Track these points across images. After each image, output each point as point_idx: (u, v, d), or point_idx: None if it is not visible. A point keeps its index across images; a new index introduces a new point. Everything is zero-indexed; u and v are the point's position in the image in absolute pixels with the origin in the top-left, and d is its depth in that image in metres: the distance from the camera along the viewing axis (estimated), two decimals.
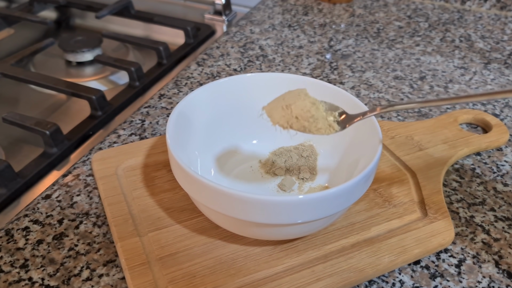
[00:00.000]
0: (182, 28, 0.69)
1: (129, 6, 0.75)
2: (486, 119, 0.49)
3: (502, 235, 0.38)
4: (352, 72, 0.60)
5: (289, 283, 0.32)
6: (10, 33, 0.75)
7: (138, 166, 0.42)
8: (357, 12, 0.76)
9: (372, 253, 0.34)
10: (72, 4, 0.79)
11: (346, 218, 0.37)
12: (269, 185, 0.40)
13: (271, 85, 0.42)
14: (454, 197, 0.41)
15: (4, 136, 0.54)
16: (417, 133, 0.47)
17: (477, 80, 0.58)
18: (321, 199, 0.30)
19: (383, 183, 0.41)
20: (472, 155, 0.46)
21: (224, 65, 0.61)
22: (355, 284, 0.33)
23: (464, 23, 0.73)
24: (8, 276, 0.34)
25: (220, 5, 0.75)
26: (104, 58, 0.61)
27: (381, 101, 0.54)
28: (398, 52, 0.64)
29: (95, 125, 0.51)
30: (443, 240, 0.36)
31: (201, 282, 0.32)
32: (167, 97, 0.54)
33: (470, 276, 0.35)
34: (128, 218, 0.37)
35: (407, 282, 0.34)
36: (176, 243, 0.35)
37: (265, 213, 0.30)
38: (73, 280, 0.33)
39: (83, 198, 0.40)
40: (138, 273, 0.32)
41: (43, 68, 0.67)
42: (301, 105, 0.30)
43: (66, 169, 0.44)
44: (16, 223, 0.38)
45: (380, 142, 0.34)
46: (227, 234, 0.36)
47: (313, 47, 0.65)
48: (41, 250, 0.36)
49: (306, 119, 0.30)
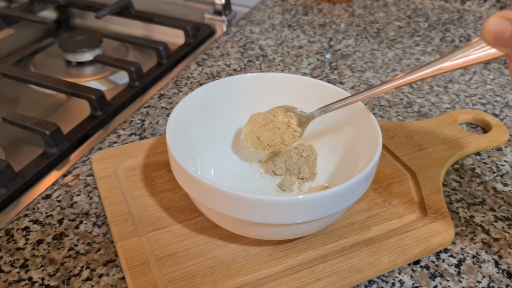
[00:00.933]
0: (182, 28, 0.69)
1: (129, 6, 0.75)
2: (485, 119, 0.49)
3: (502, 235, 0.38)
4: (352, 72, 0.60)
5: (289, 283, 0.32)
6: (10, 33, 0.75)
7: (138, 166, 0.42)
8: (357, 12, 0.76)
9: (371, 253, 0.34)
10: (72, 4, 0.79)
11: (346, 218, 0.37)
12: (269, 185, 0.40)
13: (271, 85, 0.42)
14: (454, 197, 0.41)
15: (4, 136, 0.54)
16: (417, 133, 0.47)
17: (476, 80, 0.58)
18: (321, 199, 0.30)
19: (383, 183, 0.41)
20: (472, 155, 0.46)
21: (224, 65, 0.61)
22: (355, 284, 0.33)
23: (464, 23, 0.73)
24: (8, 276, 0.34)
25: (220, 5, 0.75)
26: (104, 58, 0.61)
27: (381, 101, 0.54)
28: (398, 52, 0.64)
29: (95, 125, 0.51)
30: (443, 240, 0.36)
31: (201, 282, 0.32)
32: (167, 97, 0.54)
33: (470, 276, 0.35)
34: (128, 218, 0.37)
35: (407, 282, 0.34)
36: (176, 243, 0.35)
37: (265, 213, 0.30)
38: (73, 280, 0.33)
39: (83, 198, 0.40)
40: (138, 273, 0.32)
41: (43, 68, 0.67)
42: (267, 136, 0.38)
43: (66, 169, 0.44)
44: (16, 223, 0.38)
45: (380, 142, 0.34)
46: (227, 234, 0.36)
47: (313, 47, 0.65)
48: (41, 250, 0.36)
49: (276, 144, 0.38)
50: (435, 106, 0.53)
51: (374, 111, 0.52)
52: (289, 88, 0.42)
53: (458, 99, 0.55)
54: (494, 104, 0.54)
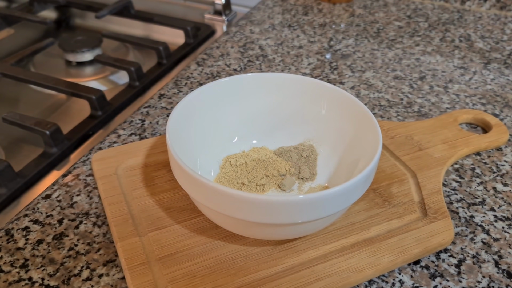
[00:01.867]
0: (182, 28, 0.69)
1: (129, 6, 0.75)
2: (486, 119, 0.49)
3: (502, 235, 0.38)
4: (352, 72, 0.60)
5: (289, 283, 0.32)
6: (10, 33, 0.75)
7: (138, 166, 0.42)
8: (357, 12, 0.76)
9: (371, 253, 0.34)
10: (72, 4, 0.79)
11: (346, 218, 0.37)
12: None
13: (271, 85, 0.42)
14: (454, 197, 0.41)
15: (4, 136, 0.54)
16: (417, 133, 0.47)
17: (476, 80, 0.58)
18: (321, 199, 0.30)
19: (383, 183, 0.41)
20: (472, 155, 0.46)
21: (224, 65, 0.61)
22: (354, 284, 0.33)
23: (464, 23, 0.73)
24: (8, 276, 0.34)
25: (220, 5, 0.75)
26: (104, 58, 0.61)
27: (381, 101, 0.54)
28: (398, 52, 0.64)
29: (95, 125, 0.51)
30: (442, 240, 0.36)
31: (201, 282, 0.32)
32: (167, 97, 0.54)
33: (470, 276, 0.35)
34: (128, 218, 0.37)
35: (407, 282, 0.34)
36: (176, 243, 0.35)
37: (265, 213, 0.30)
38: (73, 280, 0.33)
39: (83, 198, 0.40)
40: (138, 273, 0.32)
41: (43, 68, 0.67)
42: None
43: (66, 169, 0.44)
44: (16, 223, 0.38)
45: (380, 142, 0.34)
46: (227, 234, 0.36)
47: (313, 47, 0.65)
48: (41, 250, 0.36)
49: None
50: (435, 106, 0.53)
51: (374, 111, 0.52)
52: (289, 88, 0.42)
53: (458, 99, 0.55)
54: (494, 104, 0.54)
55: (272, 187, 0.39)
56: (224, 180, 0.39)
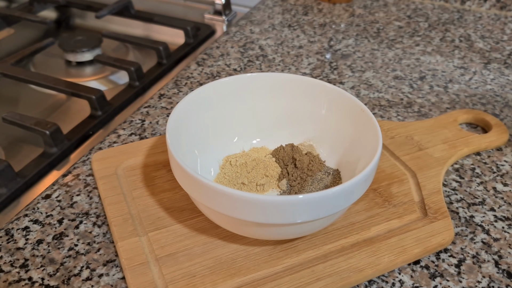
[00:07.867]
0: (182, 28, 0.69)
1: (129, 6, 0.75)
2: (486, 119, 0.49)
3: (502, 235, 0.38)
4: (352, 72, 0.60)
5: (289, 283, 0.32)
6: (10, 33, 0.75)
7: (138, 166, 0.42)
8: (357, 12, 0.76)
9: (371, 253, 0.34)
10: (72, 4, 0.79)
11: (346, 218, 0.37)
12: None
13: (271, 85, 0.42)
14: (454, 197, 0.41)
15: (4, 136, 0.54)
16: (417, 133, 0.47)
17: (477, 80, 0.58)
18: (321, 199, 0.30)
19: (383, 183, 0.41)
20: (472, 155, 0.46)
21: (224, 65, 0.61)
22: (354, 284, 0.33)
23: (464, 23, 0.73)
24: (8, 276, 0.34)
25: (220, 5, 0.75)
26: (104, 58, 0.61)
27: (381, 101, 0.54)
28: (398, 52, 0.64)
29: (95, 125, 0.51)
30: (442, 240, 0.36)
31: (201, 282, 0.32)
32: (167, 97, 0.54)
33: (470, 276, 0.35)
34: (128, 218, 0.37)
35: (407, 282, 0.34)
36: (176, 243, 0.35)
37: (265, 213, 0.30)
38: (73, 280, 0.33)
39: (83, 198, 0.40)
40: (138, 273, 0.32)
41: (43, 68, 0.67)
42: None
43: (66, 169, 0.44)
44: (16, 223, 0.38)
45: (380, 142, 0.34)
46: (227, 234, 0.36)
47: (313, 47, 0.65)
48: (41, 250, 0.36)
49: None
50: (435, 106, 0.53)
51: (374, 111, 0.52)
52: (289, 88, 0.42)
53: (458, 99, 0.55)
54: (494, 104, 0.54)
55: (272, 187, 0.39)
56: (224, 180, 0.39)
